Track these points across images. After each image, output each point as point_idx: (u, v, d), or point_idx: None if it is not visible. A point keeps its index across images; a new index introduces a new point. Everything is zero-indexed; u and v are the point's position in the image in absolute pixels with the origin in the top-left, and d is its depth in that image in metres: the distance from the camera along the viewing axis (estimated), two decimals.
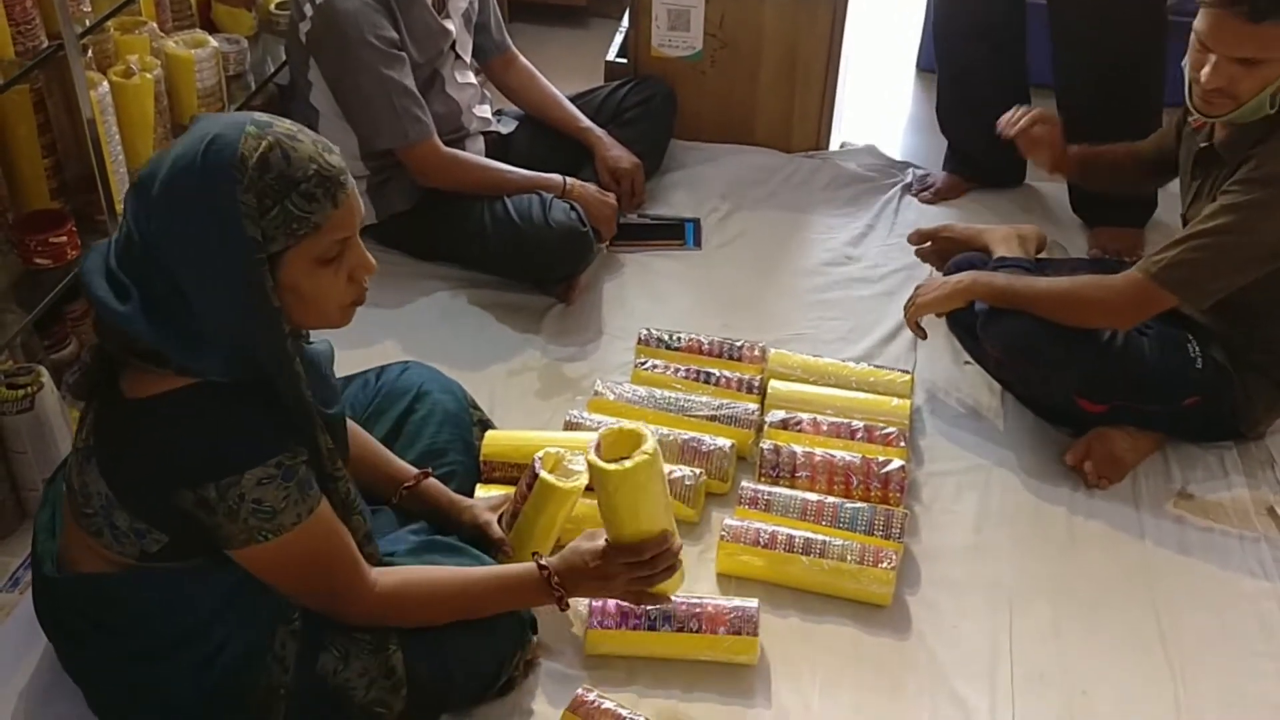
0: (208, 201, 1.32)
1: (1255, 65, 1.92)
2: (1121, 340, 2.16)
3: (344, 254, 1.42)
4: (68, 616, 1.61)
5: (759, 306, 2.72)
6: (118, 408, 1.44)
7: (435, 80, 2.68)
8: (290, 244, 1.36)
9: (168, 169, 1.35)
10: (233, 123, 1.36)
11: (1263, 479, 2.25)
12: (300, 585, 1.54)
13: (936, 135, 3.24)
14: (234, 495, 1.40)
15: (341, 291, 1.44)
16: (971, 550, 2.11)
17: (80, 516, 1.51)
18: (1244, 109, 1.98)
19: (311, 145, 1.37)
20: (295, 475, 1.44)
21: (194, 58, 2.52)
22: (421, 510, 1.86)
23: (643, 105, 3.04)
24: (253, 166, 1.32)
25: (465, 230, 2.65)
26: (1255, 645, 1.95)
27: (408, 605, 1.60)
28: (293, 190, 1.34)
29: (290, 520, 1.44)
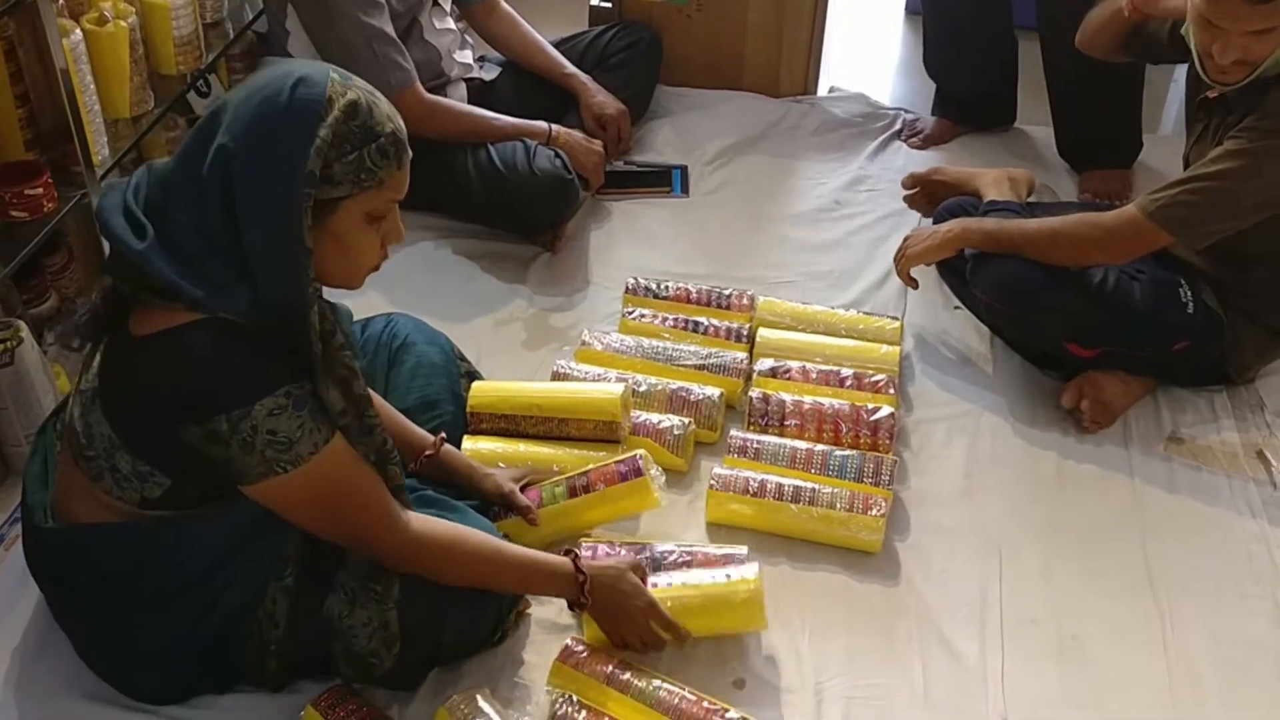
0: (287, 131, 1.35)
1: (1264, 34, 1.91)
2: (1113, 283, 2.15)
3: (385, 219, 1.46)
4: (61, 566, 1.61)
5: (747, 254, 2.70)
6: (126, 346, 1.44)
7: (414, 27, 2.64)
8: (354, 192, 1.40)
9: (246, 97, 1.38)
10: (318, 68, 1.41)
11: (1252, 422, 2.25)
12: (326, 520, 1.52)
13: (926, 79, 3.21)
14: (246, 427, 1.39)
15: (374, 253, 1.49)
16: (961, 495, 2.11)
17: (81, 459, 1.51)
18: (1261, 68, 1.96)
19: (387, 105, 1.43)
20: (306, 404, 1.43)
21: (170, 4, 2.47)
22: (441, 478, 1.85)
23: (628, 50, 3.00)
24: (339, 109, 1.37)
25: (449, 179, 2.62)
26: (1243, 586, 1.95)
27: (440, 556, 1.58)
28: (372, 142, 1.39)
29: (307, 450, 1.43)
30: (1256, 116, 1.98)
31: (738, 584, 1.75)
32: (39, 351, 2.04)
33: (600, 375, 2.19)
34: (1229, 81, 2.00)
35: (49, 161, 2.15)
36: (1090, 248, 2.12)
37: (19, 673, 1.70)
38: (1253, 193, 1.99)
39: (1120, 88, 2.75)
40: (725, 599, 1.74)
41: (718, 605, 1.74)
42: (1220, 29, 1.92)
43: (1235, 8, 1.88)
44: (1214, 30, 1.93)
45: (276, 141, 1.35)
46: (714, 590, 1.75)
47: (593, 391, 2.08)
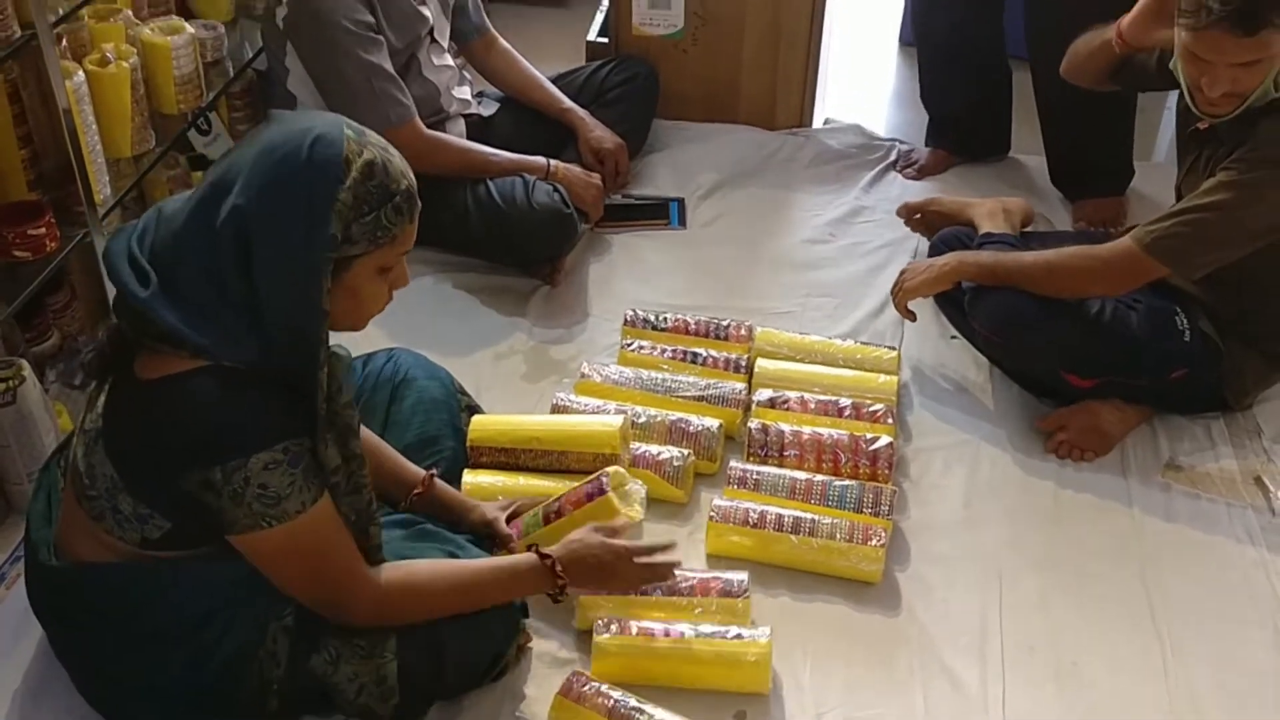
0: (307, 193, 1.36)
1: (1252, 66, 1.92)
2: (1109, 314, 2.16)
3: (392, 269, 1.49)
4: (63, 604, 1.61)
5: (745, 285, 2.71)
6: (130, 388, 1.45)
7: (412, 64, 2.67)
8: (370, 249, 1.42)
9: (262, 156, 1.38)
10: (332, 123, 1.41)
11: (1250, 449, 2.26)
12: (300, 579, 1.53)
13: (920, 111, 3.24)
14: (239, 479, 1.40)
15: (383, 301, 1.52)
16: (960, 525, 2.11)
17: (83, 499, 1.51)
18: (1250, 100, 1.98)
19: (400, 160, 1.45)
20: (301, 462, 1.43)
21: (170, 45, 2.49)
22: (430, 513, 1.85)
23: (625, 85, 3.02)
24: (357, 170, 1.38)
25: (449, 214, 2.64)
26: (1243, 613, 1.96)
27: (409, 601, 1.59)
28: (388, 201, 1.41)
29: (294, 508, 1.44)
30: (1248, 148, 1.99)
31: (748, 645, 1.75)
32: (41, 390, 2.05)
33: (600, 407, 2.20)
34: (1219, 114, 2.01)
35: (51, 201, 2.16)
36: (1087, 280, 2.13)
37: (19, 713, 1.70)
38: (1247, 223, 2.00)
39: (1111, 115, 2.77)
40: (734, 658, 1.74)
41: (725, 661, 1.74)
42: (1208, 63, 1.94)
43: (1222, 41, 1.89)
44: (1201, 64, 1.95)
45: (296, 204, 1.36)
46: (724, 647, 1.75)
47: (592, 424, 2.09)
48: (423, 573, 1.61)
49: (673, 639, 1.76)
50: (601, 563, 1.67)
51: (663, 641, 1.75)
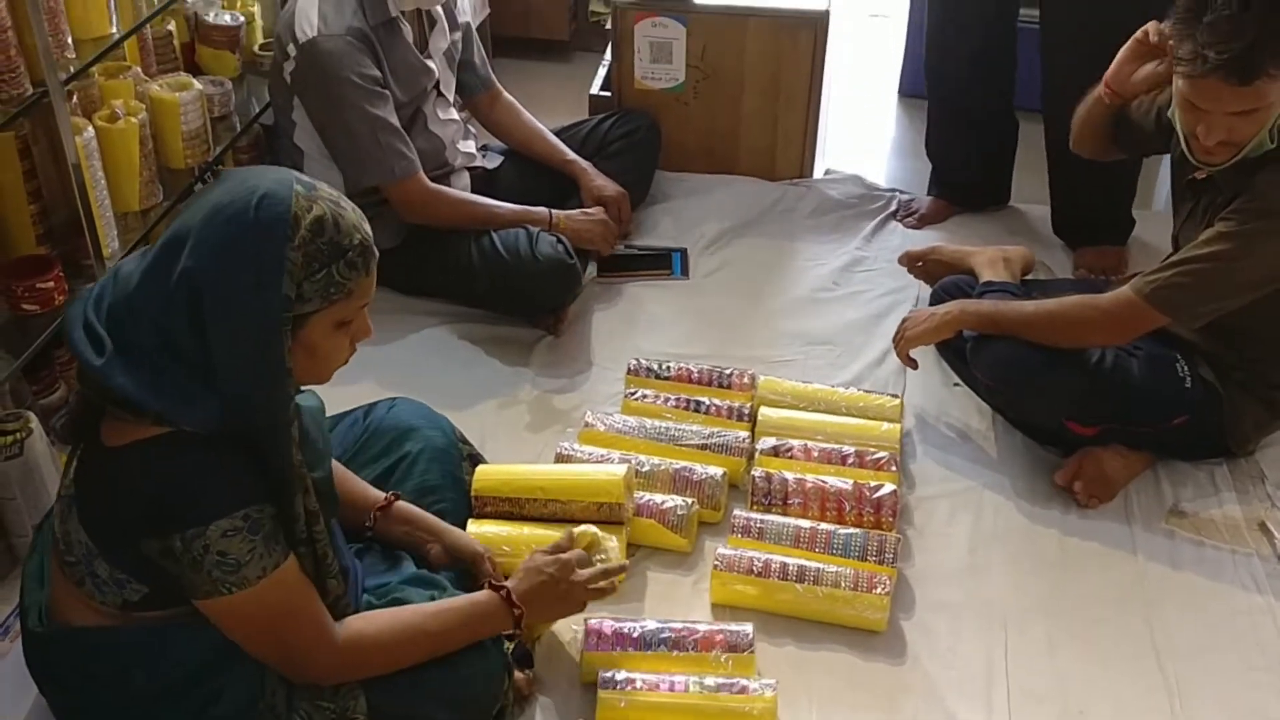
0: (256, 253, 1.34)
1: (1248, 115, 1.93)
2: (1110, 361, 2.17)
3: (352, 322, 1.47)
4: (54, 667, 1.60)
5: (747, 334, 2.73)
6: (97, 455, 1.44)
7: (418, 117, 2.70)
8: (324, 305, 1.40)
9: (210, 216, 1.36)
10: (279, 179, 1.39)
11: (1254, 494, 2.26)
12: (263, 642, 1.51)
13: (920, 160, 3.26)
14: (199, 546, 1.39)
15: (344, 354, 1.49)
16: (965, 572, 2.11)
17: (64, 565, 1.51)
18: (1246, 150, 1.98)
19: (353, 213, 1.43)
20: (261, 529, 1.42)
21: (179, 101, 2.54)
22: (400, 535, 1.84)
23: (627, 137, 3.06)
24: (306, 227, 1.36)
25: (453, 265, 2.66)
26: (1250, 659, 1.95)
27: (370, 653, 1.56)
28: (340, 258, 1.39)
29: (255, 574, 1.42)
30: (1246, 198, 2.00)
31: (754, 700, 1.74)
32: (48, 443, 2.05)
33: (603, 456, 2.20)
34: (1215, 163, 2.02)
35: (60, 255, 2.19)
36: (1088, 330, 2.15)
37: None
38: (1245, 273, 2.01)
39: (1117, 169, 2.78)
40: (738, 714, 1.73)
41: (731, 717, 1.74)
42: (1204, 111, 1.95)
43: (1218, 90, 1.90)
44: (1198, 112, 1.96)
45: (246, 265, 1.34)
46: (729, 703, 1.75)
47: (596, 473, 2.09)
48: (382, 621, 1.59)
49: (677, 694, 1.75)
50: (553, 580, 1.70)
51: (667, 696, 1.74)
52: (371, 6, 2.51)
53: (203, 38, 2.88)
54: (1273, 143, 1.98)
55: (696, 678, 1.77)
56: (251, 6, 3.04)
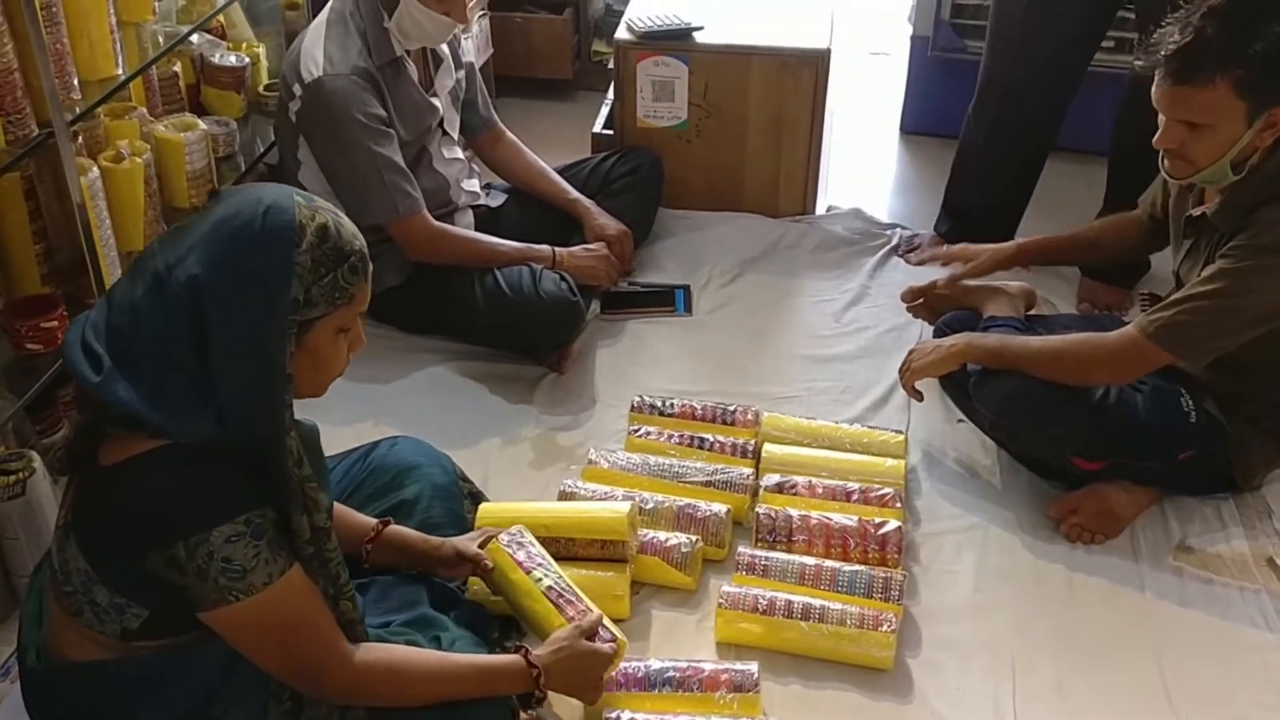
0: (265, 259, 1.38)
1: (1199, 130, 1.96)
2: (1115, 397, 2.16)
3: (349, 329, 1.51)
4: (54, 706, 1.58)
5: (751, 371, 2.73)
6: (93, 476, 1.45)
7: (422, 156, 2.71)
8: (329, 310, 1.44)
9: (216, 228, 1.40)
10: (281, 192, 1.44)
11: (1261, 530, 2.25)
12: (273, 652, 1.50)
13: (921, 197, 3.27)
14: (203, 554, 1.39)
15: (342, 362, 1.52)
16: (971, 610, 2.10)
17: (61, 597, 1.50)
18: (1205, 174, 2.01)
19: (350, 224, 1.48)
20: (265, 534, 1.42)
21: (184, 141, 2.55)
22: (396, 560, 1.84)
23: (630, 175, 3.07)
24: (312, 233, 1.40)
25: (456, 303, 2.67)
26: (1260, 697, 1.93)
27: (385, 683, 1.56)
28: (344, 262, 1.44)
29: (261, 580, 1.42)
30: (1248, 235, 2.00)
31: None
32: (51, 482, 2.05)
33: (607, 494, 2.19)
34: (1175, 176, 2.06)
35: (64, 294, 2.19)
36: (1093, 368, 2.14)
37: None
38: (1249, 309, 2.01)
39: None
40: None
41: None
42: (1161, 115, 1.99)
43: (1164, 91, 1.96)
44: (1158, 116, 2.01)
45: (255, 273, 1.38)
46: None
47: (599, 511, 2.08)
48: (400, 656, 1.59)
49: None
50: (587, 672, 1.70)
51: None
52: (377, 46, 2.53)
53: (208, 79, 2.91)
54: (1235, 175, 2.00)
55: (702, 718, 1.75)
56: (257, 47, 3.07)
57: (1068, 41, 2.82)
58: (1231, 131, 1.95)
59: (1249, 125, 1.94)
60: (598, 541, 2.04)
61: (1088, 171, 3.23)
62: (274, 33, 3.17)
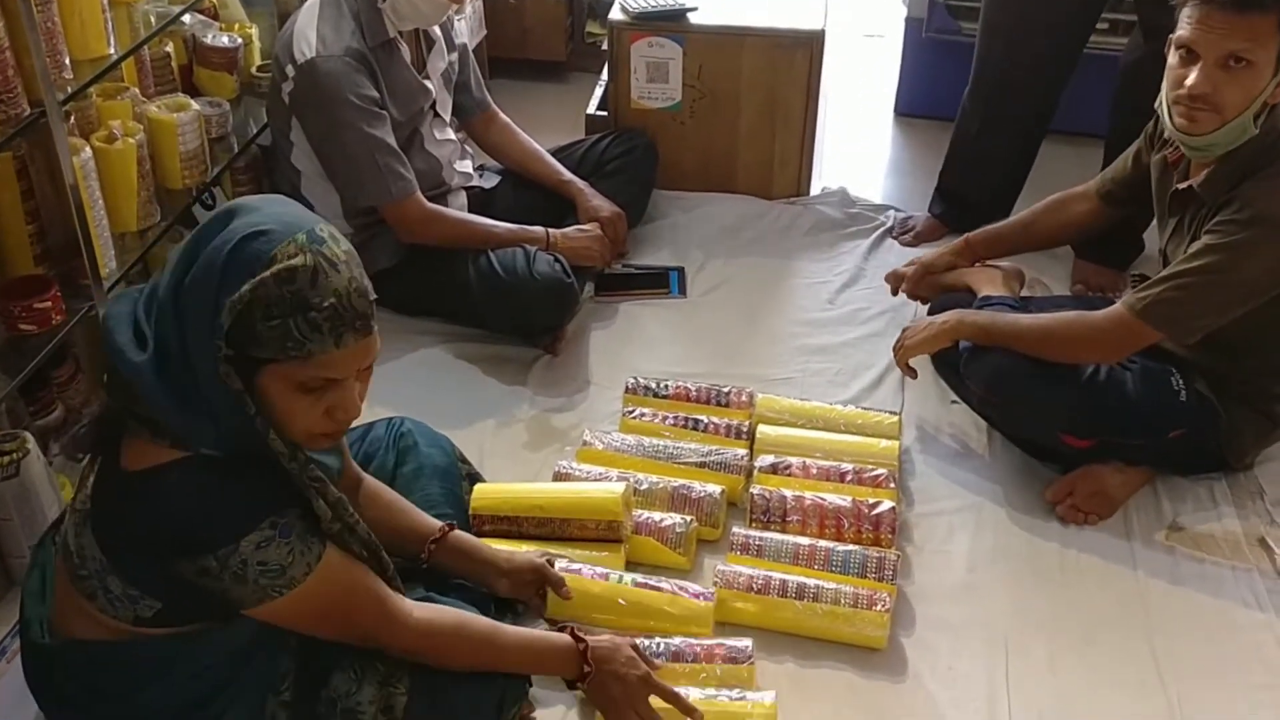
0: (221, 279, 1.33)
1: (1239, 71, 1.93)
2: (1104, 375, 2.17)
3: (328, 390, 1.39)
4: (58, 682, 1.58)
5: (745, 352, 2.73)
6: (115, 478, 1.43)
7: (414, 138, 2.70)
8: (279, 357, 1.34)
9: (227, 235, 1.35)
10: (296, 223, 1.36)
11: (1252, 509, 2.26)
12: (334, 628, 1.53)
13: (915, 179, 3.27)
14: (236, 562, 1.39)
15: (314, 421, 1.41)
16: (965, 589, 2.10)
17: (75, 579, 1.50)
18: (1228, 129, 1.98)
19: (346, 281, 1.35)
20: (293, 530, 1.42)
21: (176, 122, 2.54)
22: (458, 565, 1.85)
23: (624, 157, 3.06)
24: (274, 271, 1.31)
25: (450, 285, 2.66)
26: (1252, 677, 1.94)
27: (443, 642, 1.59)
28: (302, 312, 1.32)
29: (301, 572, 1.43)
30: (1234, 209, 2.00)
31: (754, 706, 1.74)
32: (45, 463, 2.05)
33: (602, 475, 2.20)
34: (1196, 133, 2.01)
35: (57, 275, 2.18)
36: (1082, 346, 2.15)
37: None
38: (1237, 284, 2.01)
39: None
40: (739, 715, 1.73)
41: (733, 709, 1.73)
42: (1197, 56, 1.95)
43: (1219, 17, 1.91)
44: (1189, 65, 1.97)
45: (209, 288, 1.33)
46: (729, 708, 1.74)
47: (594, 491, 2.09)
48: (454, 618, 1.62)
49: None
50: (624, 676, 1.68)
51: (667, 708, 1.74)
52: (370, 28, 2.52)
53: (201, 59, 2.89)
54: (1256, 128, 1.98)
55: (698, 689, 1.76)
56: (249, 28, 3.05)
57: (1062, 24, 2.81)
58: (1264, 75, 1.94)
59: (1275, 73, 1.94)
60: (593, 522, 2.04)
61: (1083, 154, 3.23)
62: (266, 13, 3.15)
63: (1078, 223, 2.49)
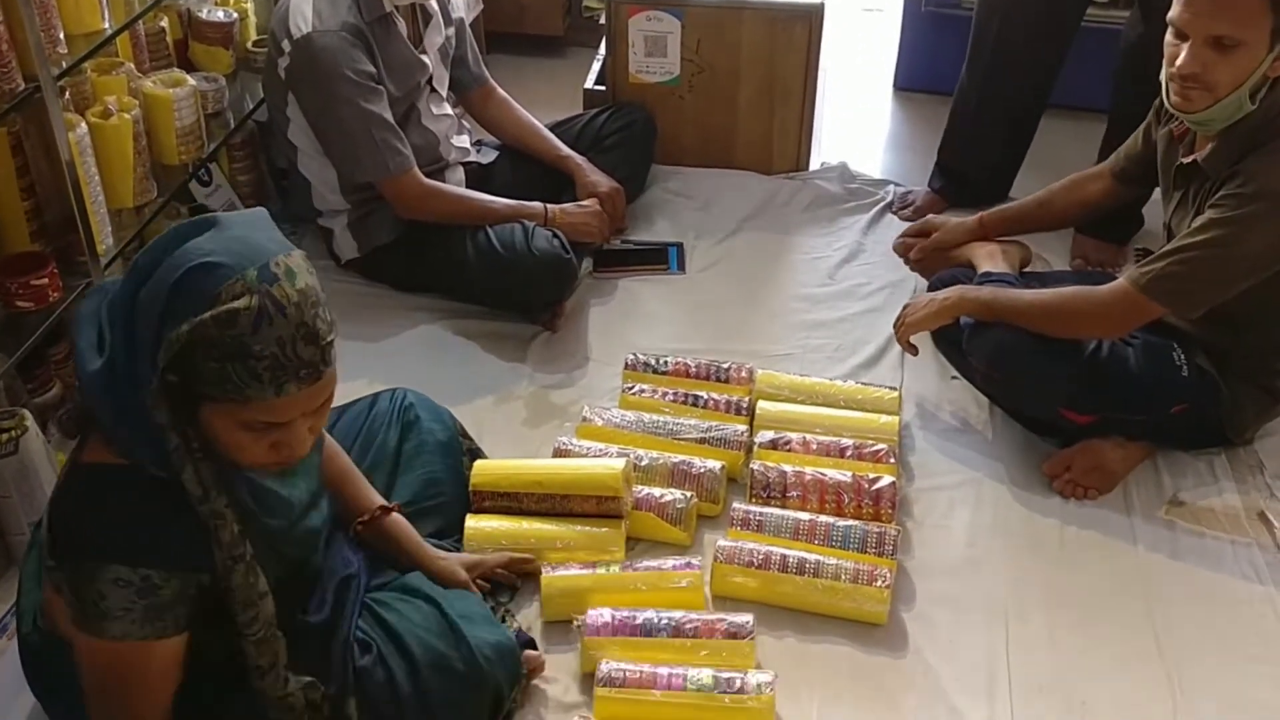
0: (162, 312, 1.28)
1: (1228, 51, 1.92)
2: (1106, 351, 2.16)
3: (272, 430, 1.35)
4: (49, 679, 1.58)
5: (745, 328, 2.72)
6: (70, 466, 1.41)
7: (411, 113, 2.69)
8: (216, 396, 1.29)
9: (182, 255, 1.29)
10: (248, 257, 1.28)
11: (1252, 484, 2.26)
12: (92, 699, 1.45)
13: (915, 153, 3.25)
14: (86, 575, 1.34)
15: (260, 455, 1.37)
16: (965, 564, 2.11)
17: (45, 569, 1.48)
18: (1222, 105, 1.97)
19: (293, 328, 1.28)
20: (150, 596, 1.35)
21: (172, 97, 2.52)
22: (385, 550, 1.81)
23: (622, 131, 3.05)
24: (214, 314, 1.25)
25: (448, 261, 2.65)
26: (1251, 650, 1.95)
27: None
28: (241, 359, 1.26)
29: (117, 632, 1.36)
30: (1237, 183, 1.99)
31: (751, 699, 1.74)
32: (43, 440, 2.04)
33: (602, 451, 2.19)
34: (1189, 109, 2.01)
35: (54, 252, 2.18)
36: (1085, 321, 2.14)
37: None
38: (1241, 258, 2.01)
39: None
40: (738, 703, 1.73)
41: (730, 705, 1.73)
42: (1185, 36, 1.95)
43: (1201, 2, 1.90)
44: (1180, 44, 1.96)
45: (153, 315, 1.28)
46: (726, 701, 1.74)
47: (594, 467, 2.08)
48: None
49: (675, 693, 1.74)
50: None
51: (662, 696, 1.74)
52: (366, 2, 2.50)
53: (196, 34, 2.87)
54: (1252, 104, 1.97)
55: (696, 670, 1.77)
56: (245, 3, 3.03)
57: None
58: (1256, 54, 1.92)
59: (1270, 50, 1.92)
60: (593, 498, 2.04)
61: (1084, 129, 3.21)
62: None
63: (1093, 201, 2.48)
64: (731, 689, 1.74)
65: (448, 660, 1.64)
